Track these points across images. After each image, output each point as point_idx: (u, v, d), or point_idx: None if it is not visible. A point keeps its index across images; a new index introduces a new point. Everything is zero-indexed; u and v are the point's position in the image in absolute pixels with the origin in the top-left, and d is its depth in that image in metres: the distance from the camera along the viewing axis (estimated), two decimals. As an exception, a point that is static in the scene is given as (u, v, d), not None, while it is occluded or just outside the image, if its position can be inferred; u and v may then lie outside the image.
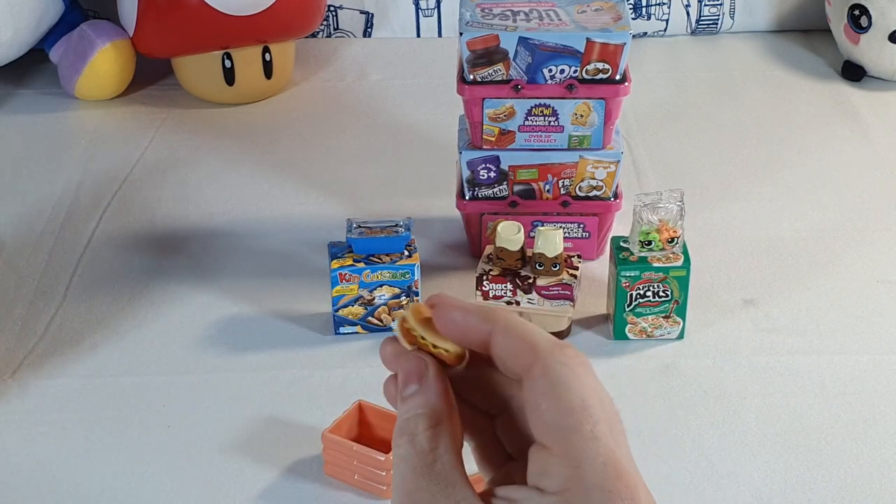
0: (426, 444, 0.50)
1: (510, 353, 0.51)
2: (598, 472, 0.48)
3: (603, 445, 0.49)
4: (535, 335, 0.51)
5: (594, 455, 0.49)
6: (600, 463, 0.49)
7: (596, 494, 0.48)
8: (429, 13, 1.67)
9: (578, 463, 0.49)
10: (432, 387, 0.52)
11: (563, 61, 1.04)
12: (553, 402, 0.50)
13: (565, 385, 0.50)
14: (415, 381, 0.53)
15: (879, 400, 0.97)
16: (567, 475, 0.49)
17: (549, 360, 0.50)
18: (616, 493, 0.48)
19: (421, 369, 0.53)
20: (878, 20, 1.48)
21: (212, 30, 1.43)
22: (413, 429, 0.51)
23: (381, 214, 1.18)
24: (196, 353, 1.00)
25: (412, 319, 0.53)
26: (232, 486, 0.88)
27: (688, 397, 0.97)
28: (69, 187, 1.32)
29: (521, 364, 0.51)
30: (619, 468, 0.49)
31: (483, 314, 0.52)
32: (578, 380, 0.51)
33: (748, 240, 1.20)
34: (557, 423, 0.49)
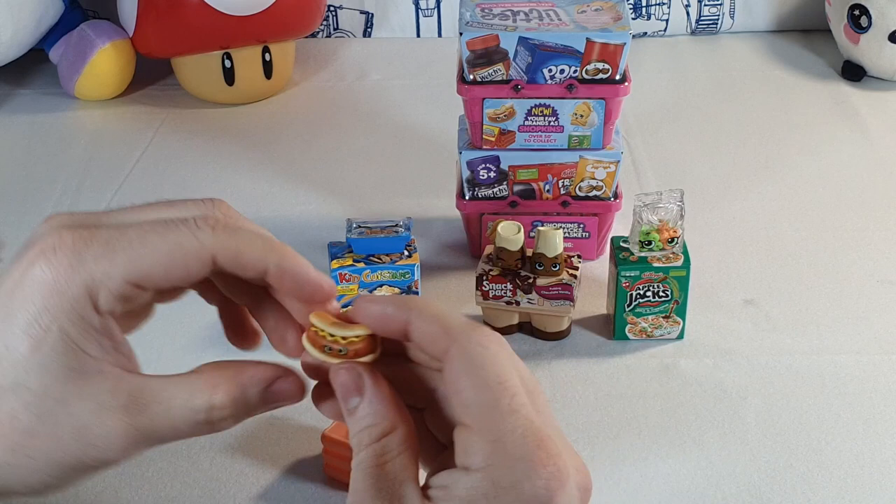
0: (379, 448, 0.51)
1: (427, 339, 0.52)
2: (518, 443, 0.49)
3: (522, 417, 0.50)
4: (448, 319, 0.52)
5: (513, 427, 0.50)
6: (519, 434, 0.49)
7: (519, 465, 0.49)
8: (429, 13, 1.68)
9: (498, 437, 0.49)
10: (374, 395, 0.53)
11: (563, 61, 1.04)
12: (470, 380, 0.50)
13: (480, 363, 0.51)
14: (354, 393, 0.53)
15: (879, 400, 0.97)
16: (488, 450, 0.49)
17: (463, 341, 0.51)
18: (538, 462, 0.49)
19: (357, 381, 0.53)
20: (878, 20, 1.48)
21: (212, 30, 1.43)
22: (366, 440, 0.52)
23: (381, 214, 1.18)
24: (196, 353, 1.00)
25: (317, 321, 0.54)
26: (232, 486, 0.88)
27: (688, 397, 0.97)
28: (69, 187, 1.32)
29: (438, 348, 0.52)
30: (539, 437, 0.50)
31: (398, 303, 0.53)
32: (493, 357, 0.51)
33: (748, 240, 1.20)
34: (475, 400, 0.50)
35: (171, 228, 0.51)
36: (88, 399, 0.50)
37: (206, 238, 0.52)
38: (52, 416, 0.50)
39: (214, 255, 0.52)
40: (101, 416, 0.50)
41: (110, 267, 0.50)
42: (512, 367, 0.52)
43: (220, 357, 0.57)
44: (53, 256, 0.50)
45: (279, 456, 0.91)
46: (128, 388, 0.51)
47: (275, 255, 0.53)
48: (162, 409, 0.52)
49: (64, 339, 0.50)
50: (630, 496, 0.87)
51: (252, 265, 0.53)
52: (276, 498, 0.87)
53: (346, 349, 0.53)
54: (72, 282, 0.50)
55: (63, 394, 0.50)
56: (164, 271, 0.51)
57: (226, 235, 0.52)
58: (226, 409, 0.53)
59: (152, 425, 0.52)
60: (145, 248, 0.51)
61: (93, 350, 0.51)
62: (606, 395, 0.98)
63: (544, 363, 1.02)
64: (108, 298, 0.50)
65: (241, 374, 0.54)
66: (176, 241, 0.51)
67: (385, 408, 0.52)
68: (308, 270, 0.54)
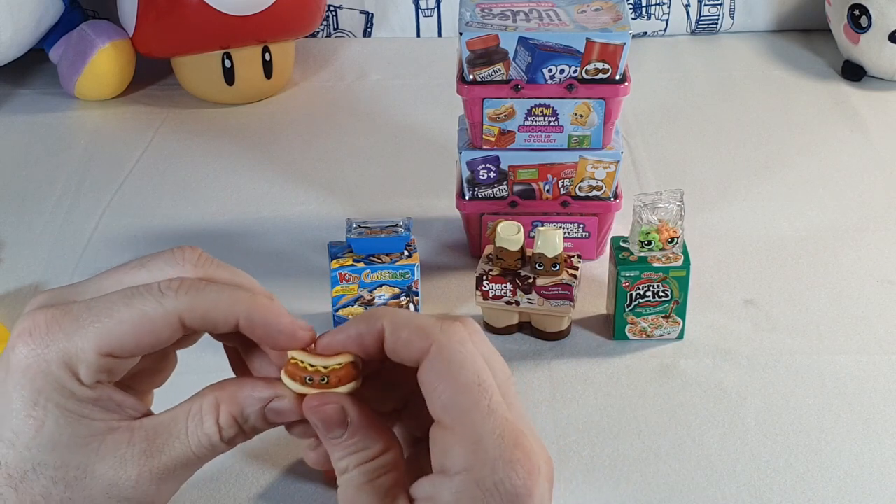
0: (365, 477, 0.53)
1: (403, 343, 0.53)
2: (497, 444, 0.50)
3: (499, 417, 0.51)
4: (422, 320, 0.53)
5: (491, 429, 0.51)
6: (497, 436, 0.51)
7: (499, 466, 0.50)
8: (429, 13, 1.68)
9: (478, 439, 0.50)
10: (359, 426, 0.53)
11: (563, 61, 1.04)
12: (449, 382, 0.51)
13: (460, 363, 0.52)
14: (338, 427, 0.53)
15: (879, 400, 0.97)
16: (469, 452, 0.50)
17: (442, 341, 0.52)
18: (517, 462, 0.51)
19: (339, 414, 0.53)
20: (878, 20, 1.48)
21: (212, 30, 1.43)
22: (354, 463, 0.53)
23: (381, 214, 1.18)
24: (196, 352, 1.00)
25: (296, 353, 0.54)
26: (232, 486, 0.88)
27: (688, 397, 0.97)
28: (69, 187, 1.32)
29: (416, 350, 0.52)
30: (515, 437, 0.51)
31: (368, 316, 0.53)
32: (472, 356, 0.52)
33: (748, 240, 1.20)
34: (455, 402, 0.51)
35: (136, 297, 0.53)
36: (108, 458, 0.52)
37: (170, 303, 0.52)
38: (79, 483, 0.51)
39: (181, 319, 0.53)
40: (126, 469, 0.52)
41: (82, 342, 0.52)
42: (487, 360, 0.52)
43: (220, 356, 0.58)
44: (30, 339, 0.52)
45: (279, 456, 0.91)
46: (142, 435, 0.53)
47: (243, 309, 0.54)
48: (179, 443, 0.53)
49: (64, 414, 0.52)
50: (630, 496, 0.87)
51: (222, 322, 0.54)
52: (276, 498, 0.87)
53: (327, 378, 0.53)
54: (50, 361, 0.51)
55: (82, 461, 0.51)
56: (133, 340, 0.52)
57: (190, 297, 0.53)
58: (232, 426, 0.54)
59: (175, 460, 0.53)
60: (112, 319, 0.52)
61: (97, 414, 0.52)
62: (606, 395, 0.98)
63: (544, 363, 1.02)
64: (87, 372, 0.52)
65: (239, 391, 0.55)
66: (141, 309, 0.52)
67: (372, 435, 0.53)
68: (279, 320, 0.54)
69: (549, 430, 0.94)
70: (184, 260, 0.56)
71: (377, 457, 0.52)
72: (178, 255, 0.56)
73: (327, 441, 0.53)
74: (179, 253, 0.56)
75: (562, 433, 0.94)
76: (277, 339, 0.54)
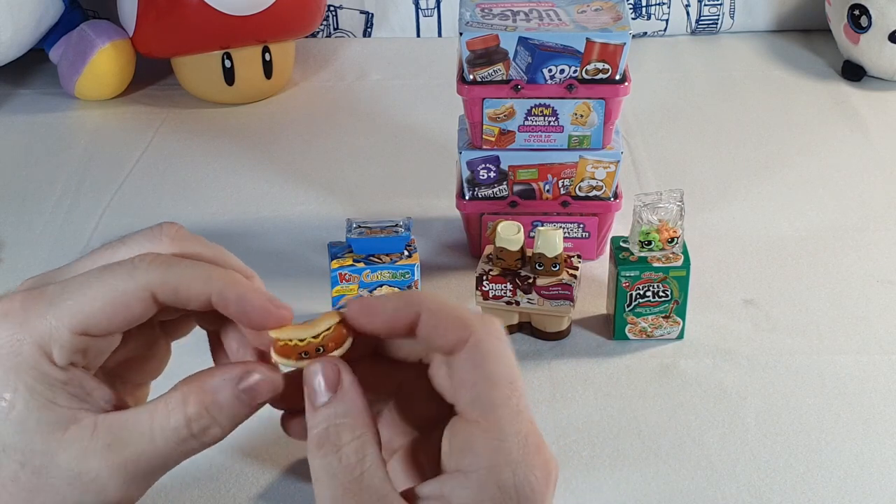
0: (353, 456, 0.50)
1: (441, 332, 0.51)
2: (521, 446, 0.50)
3: (524, 419, 0.51)
4: (460, 311, 0.52)
5: (517, 430, 0.50)
6: (522, 437, 0.50)
7: (521, 468, 0.49)
8: (429, 13, 1.68)
9: (504, 437, 0.50)
10: (350, 393, 0.52)
11: (563, 61, 1.04)
12: (484, 374, 0.50)
13: (497, 358, 0.51)
14: (329, 388, 0.52)
15: (879, 400, 0.97)
16: (492, 449, 0.50)
17: (482, 334, 0.51)
18: (536, 466, 0.50)
19: (334, 376, 0.52)
20: (878, 20, 1.48)
21: (212, 30, 1.43)
22: (336, 440, 0.50)
23: (381, 214, 1.18)
24: (196, 353, 1.00)
25: (278, 333, 0.52)
26: (232, 486, 0.88)
27: (688, 397, 0.97)
28: (69, 187, 1.32)
29: (452, 339, 0.51)
30: (538, 442, 0.51)
31: (406, 298, 0.52)
32: (508, 352, 0.51)
33: (748, 240, 1.20)
34: (486, 396, 0.50)
35: (108, 272, 0.52)
36: (71, 448, 0.51)
37: (142, 276, 0.51)
38: (45, 470, 0.51)
39: (153, 293, 0.52)
40: (88, 461, 0.51)
41: (55, 321, 0.51)
42: (516, 365, 0.52)
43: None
44: (4, 320, 0.51)
45: (279, 456, 0.91)
46: (106, 428, 0.52)
47: (217, 285, 0.52)
48: (145, 439, 0.52)
49: (34, 396, 0.51)
50: (630, 496, 0.87)
51: (194, 297, 0.52)
52: (276, 498, 0.87)
53: (323, 346, 0.52)
54: (23, 342, 0.51)
55: (46, 447, 0.51)
56: (107, 317, 0.51)
57: (161, 271, 0.52)
58: (202, 418, 0.52)
59: (139, 456, 0.52)
60: (85, 297, 0.51)
61: (63, 401, 0.51)
62: (606, 395, 0.98)
63: (544, 363, 1.02)
64: (61, 352, 0.51)
65: (208, 379, 0.54)
66: (113, 284, 0.51)
67: (361, 409, 0.51)
68: (254, 297, 0.52)
69: (549, 430, 0.94)
70: (161, 234, 0.55)
71: (362, 434, 0.51)
72: (157, 230, 0.55)
73: (311, 411, 0.52)
74: (158, 229, 0.55)
75: (562, 433, 0.94)
76: (252, 317, 0.52)
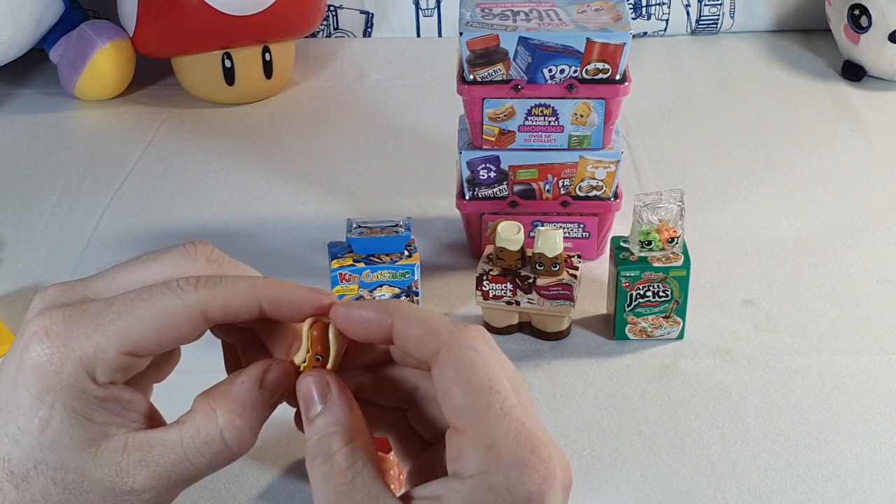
0: (344, 461, 0.50)
1: (413, 342, 0.52)
2: (512, 448, 0.50)
3: (514, 420, 0.50)
4: (434, 321, 0.52)
5: (507, 432, 0.50)
6: (513, 439, 0.50)
7: (513, 471, 0.49)
8: (429, 13, 1.68)
9: (492, 442, 0.49)
10: (338, 403, 0.52)
11: (563, 61, 1.04)
12: (461, 384, 0.50)
13: (471, 366, 0.51)
14: (319, 400, 0.52)
15: (879, 400, 0.97)
16: (483, 456, 0.49)
17: (452, 344, 0.51)
18: (532, 467, 0.50)
19: (323, 388, 0.53)
20: (878, 20, 1.48)
21: (212, 30, 1.43)
22: (327, 449, 0.51)
23: (381, 214, 1.18)
24: (196, 353, 1.00)
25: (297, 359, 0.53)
26: (232, 486, 0.88)
27: (688, 397, 0.97)
28: (69, 187, 1.32)
29: (425, 351, 0.51)
30: (531, 441, 0.50)
31: (379, 307, 0.53)
32: (483, 359, 0.51)
33: (748, 240, 1.20)
34: (468, 404, 0.50)
35: (156, 294, 0.52)
36: (105, 464, 0.52)
37: (191, 297, 0.52)
38: (77, 486, 0.51)
39: (204, 312, 0.52)
40: (122, 477, 0.52)
41: (102, 341, 0.51)
42: (499, 366, 0.52)
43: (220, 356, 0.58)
44: (46, 339, 0.51)
45: (279, 456, 0.91)
46: (137, 446, 0.52)
47: (263, 292, 0.53)
48: (177, 455, 0.53)
49: (70, 414, 0.51)
50: (630, 496, 0.87)
51: (244, 310, 0.53)
52: (276, 498, 0.87)
53: (321, 356, 0.53)
54: (66, 361, 0.51)
55: (80, 464, 0.51)
56: (156, 337, 0.52)
57: (209, 290, 0.52)
58: (234, 425, 0.53)
59: (173, 471, 0.53)
60: (133, 317, 0.52)
61: (99, 417, 0.52)
62: (606, 395, 0.98)
63: (544, 363, 1.02)
64: (104, 371, 0.52)
65: (231, 387, 0.54)
66: (163, 305, 0.52)
67: (349, 418, 0.52)
68: (301, 293, 0.54)
69: (549, 430, 0.94)
70: (196, 254, 0.55)
71: (352, 441, 0.52)
72: (192, 249, 0.55)
73: (306, 424, 0.52)
74: (192, 248, 0.55)
75: (562, 433, 0.94)
76: (304, 308, 0.54)
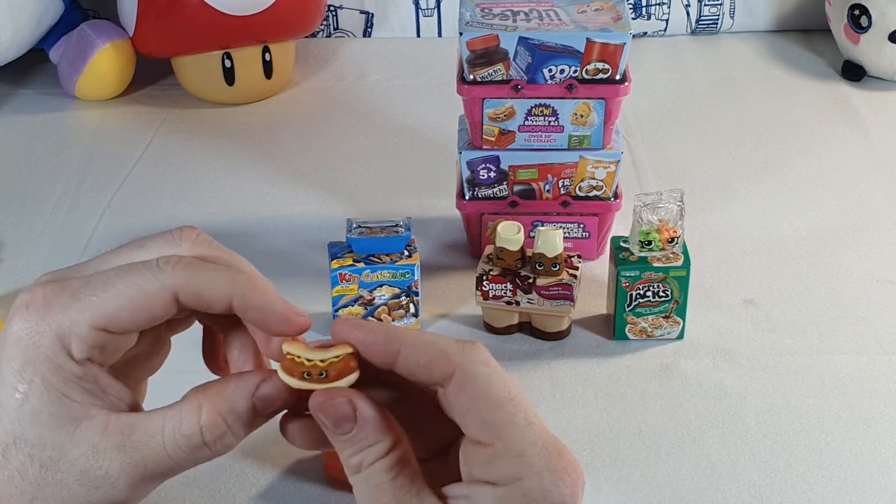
0: (385, 474, 0.51)
1: (423, 368, 0.52)
2: (542, 455, 0.51)
3: (538, 429, 0.52)
4: (442, 343, 0.52)
5: (534, 441, 0.51)
6: (541, 446, 0.51)
7: (546, 476, 0.51)
8: (429, 13, 1.68)
9: (522, 452, 0.51)
10: (368, 419, 0.52)
11: (563, 61, 1.04)
12: (481, 401, 0.51)
13: (487, 382, 0.52)
14: (347, 421, 0.52)
15: (879, 400, 0.97)
16: (515, 465, 0.51)
17: (465, 364, 0.52)
18: (562, 471, 0.51)
19: (346, 408, 0.52)
20: (878, 20, 1.48)
21: (212, 30, 1.43)
22: (365, 463, 0.52)
23: (381, 214, 1.18)
24: (196, 353, 1.00)
25: (291, 348, 0.53)
26: (232, 486, 0.88)
27: (688, 397, 0.97)
28: (69, 187, 1.32)
29: (437, 374, 0.52)
30: (558, 447, 0.52)
31: (387, 333, 0.53)
32: (498, 374, 0.53)
33: (748, 240, 1.20)
34: (491, 419, 0.51)
35: (132, 272, 0.53)
36: (82, 444, 0.51)
37: (167, 278, 0.52)
38: (54, 465, 0.51)
39: (176, 294, 0.53)
40: (98, 459, 0.51)
41: (77, 315, 0.52)
42: (511, 380, 0.52)
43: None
44: (26, 312, 0.52)
45: (279, 456, 0.91)
46: (118, 428, 0.52)
47: (238, 289, 0.53)
48: (155, 443, 0.52)
49: (48, 389, 0.51)
50: (630, 496, 0.87)
51: (216, 301, 0.53)
52: (276, 498, 0.87)
53: (326, 371, 0.52)
54: (44, 334, 0.51)
55: (58, 441, 0.51)
56: (128, 315, 0.52)
57: (186, 273, 0.53)
58: (217, 426, 0.53)
59: (149, 460, 0.53)
60: (107, 293, 0.52)
61: (77, 396, 0.52)
62: (606, 395, 0.98)
63: (544, 363, 1.02)
64: (80, 346, 0.52)
65: (224, 388, 0.54)
66: (137, 283, 0.52)
67: (382, 428, 0.52)
68: (274, 303, 0.54)
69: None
70: (181, 238, 0.56)
71: (390, 451, 0.52)
72: (177, 234, 0.56)
73: (336, 439, 0.53)
74: (178, 232, 0.56)
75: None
76: (270, 322, 0.53)
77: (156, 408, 0.55)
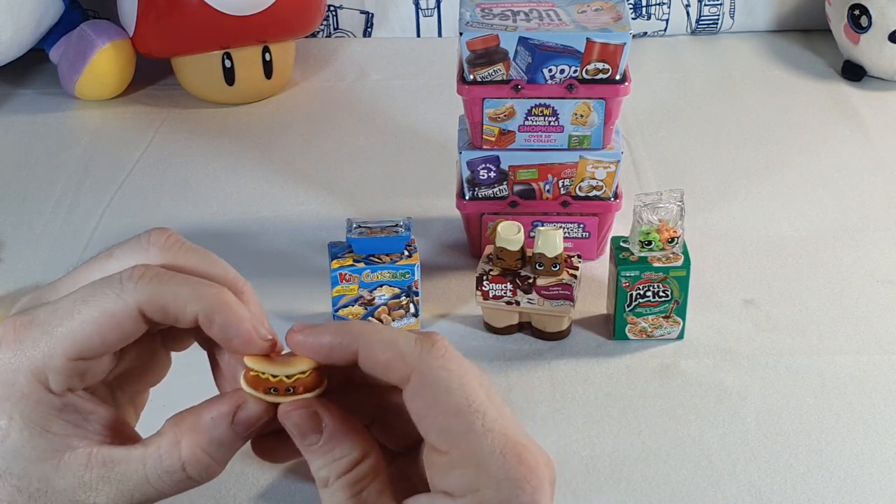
0: (350, 489, 0.50)
1: (381, 367, 0.50)
2: (500, 463, 0.49)
3: (497, 435, 0.50)
4: (400, 343, 0.50)
5: (492, 449, 0.49)
6: (499, 454, 0.49)
7: (504, 486, 0.49)
8: (429, 13, 1.68)
9: (479, 461, 0.49)
10: (335, 429, 0.51)
11: (563, 61, 1.04)
12: (439, 407, 0.49)
13: (447, 388, 0.50)
14: (313, 432, 0.51)
15: (879, 400, 0.97)
16: (472, 475, 0.49)
17: (422, 368, 0.50)
18: (522, 479, 0.49)
19: (312, 419, 0.51)
20: (878, 20, 1.48)
21: (212, 30, 1.43)
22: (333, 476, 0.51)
23: (381, 214, 1.18)
24: (196, 352, 1.00)
25: (253, 363, 0.52)
26: (232, 486, 0.88)
27: (688, 397, 0.97)
28: (69, 187, 1.32)
29: (394, 376, 0.50)
30: (517, 452, 0.50)
31: (344, 332, 0.51)
32: (457, 378, 0.50)
33: (748, 240, 1.20)
34: (449, 427, 0.49)
35: (96, 294, 0.51)
36: (67, 475, 0.51)
37: (129, 296, 0.51)
38: (42, 496, 0.51)
39: (142, 311, 0.51)
40: (86, 490, 0.51)
41: (48, 349, 0.50)
42: (472, 379, 0.51)
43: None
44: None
45: (279, 456, 0.91)
46: (100, 461, 0.51)
47: (203, 304, 0.51)
48: (139, 476, 0.52)
49: (28, 425, 0.50)
50: (630, 496, 0.87)
51: (181, 316, 0.51)
52: (276, 498, 0.87)
53: (293, 388, 0.51)
54: (18, 371, 0.50)
55: (42, 474, 0.51)
56: (99, 339, 0.51)
57: (150, 289, 0.51)
58: (199, 460, 0.52)
59: (136, 490, 0.52)
60: (74, 321, 0.51)
61: (58, 428, 0.51)
62: (606, 395, 0.98)
63: (544, 363, 1.02)
64: (57, 379, 0.51)
65: (199, 418, 0.53)
66: (101, 306, 0.51)
67: (349, 440, 0.51)
68: (239, 324, 0.52)
69: (549, 430, 0.94)
70: (149, 244, 0.53)
71: (358, 464, 0.51)
72: (145, 239, 0.53)
73: (304, 448, 0.52)
74: (146, 237, 0.54)
75: (562, 433, 0.94)
76: (233, 343, 0.52)
77: (139, 440, 0.53)
